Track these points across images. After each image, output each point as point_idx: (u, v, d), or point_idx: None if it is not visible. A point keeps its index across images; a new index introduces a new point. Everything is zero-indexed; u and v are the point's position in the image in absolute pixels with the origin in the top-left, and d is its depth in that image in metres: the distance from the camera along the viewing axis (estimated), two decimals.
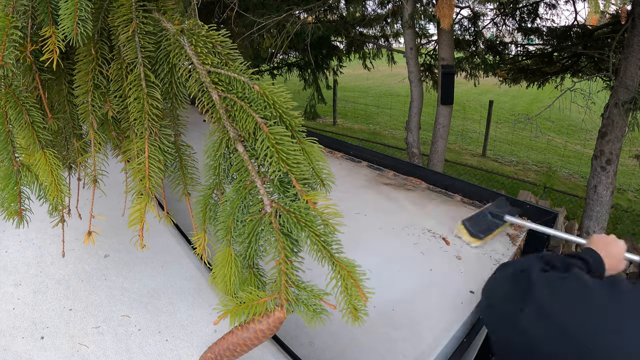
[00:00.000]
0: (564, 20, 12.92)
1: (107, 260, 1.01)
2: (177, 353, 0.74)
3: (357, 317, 0.55)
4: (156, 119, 0.63)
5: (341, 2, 5.64)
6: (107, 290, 0.91)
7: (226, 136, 0.59)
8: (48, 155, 0.65)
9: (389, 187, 1.62)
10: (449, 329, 0.93)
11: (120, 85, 0.68)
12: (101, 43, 0.68)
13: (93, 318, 0.83)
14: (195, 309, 0.85)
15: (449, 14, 3.29)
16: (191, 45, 0.59)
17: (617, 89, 3.28)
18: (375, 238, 1.27)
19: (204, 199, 0.66)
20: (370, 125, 9.96)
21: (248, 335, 0.59)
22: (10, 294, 0.89)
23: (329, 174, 0.62)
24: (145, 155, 0.61)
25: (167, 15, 0.65)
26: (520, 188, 5.60)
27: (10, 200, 0.66)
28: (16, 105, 0.63)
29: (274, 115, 0.57)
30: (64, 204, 0.71)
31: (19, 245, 1.06)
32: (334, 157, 1.98)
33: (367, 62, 6.84)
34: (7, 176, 0.66)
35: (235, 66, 0.60)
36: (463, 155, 7.80)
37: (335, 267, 0.54)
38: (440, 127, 4.21)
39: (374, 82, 14.86)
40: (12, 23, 0.60)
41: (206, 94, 0.59)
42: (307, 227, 0.53)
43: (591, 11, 2.76)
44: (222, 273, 0.61)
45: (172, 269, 0.99)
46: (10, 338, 0.77)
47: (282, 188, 0.56)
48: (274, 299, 0.56)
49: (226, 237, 0.60)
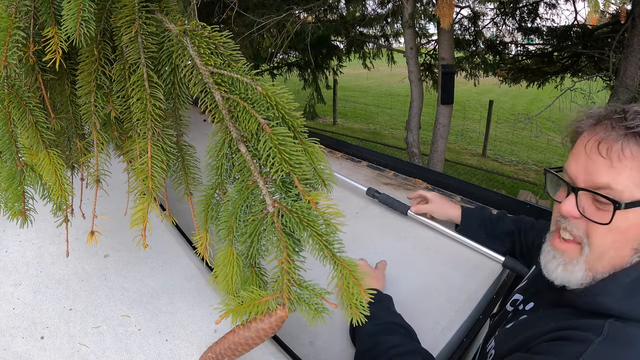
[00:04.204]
0: (564, 20, 12.92)
1: (107, 260, 1.02)
2: (177, 353, 0.74)
3: (359, 316, 0.55)
4: (159, 119, 0.63)
5: (341, 2, 5.64)
6: (107, 290, 0.91)
7: (229, 137, 0.59)
8: (52, 155, 0.66)
9: (389, 187, 1.63)
10: (449, 328, 0.93)
11: (122, 85, 0.68)
12: (104, 44, 0.69)
13: (93, 318, 0.83)
14: (196, 309, 0.85)
15: (449, 14, 3.30)
16: (194, 46, 0.59)
17: (617, 88, 3.28)
18: (375, 238, 1.28)
19: (206, 198, 0.66)
20: (370, 125, 9.97)
21: (250, 334, 0.59)
22: (10, 294, 0.89)
23: (330, 174, 0.63)
24: (148, 156, 0.61)
25: (170, 16, 0.65)
26: (520, 188, 5.61)
27: (14, 200, 0.66)
28: (19, 106, 0.63)
29: (277, 116, 0.57)
30: (68, 203, 0.71)
31: (19, 245, 1.06)
32: (334, 156, 1.99)
33: (367, 62, 6.84)
34: (11, 176, 0.66)
35: (238, 67, 0.60)
36: (463, 155, 7.81)
37: (337, 267, 0.55)
38: (440, 126, 4.21)
39: (374, 82, 14.87)
40: (14, 24, 0.60)
41: (209, 94, 0.59)
42: (309, 226, 0.53)
43: (591, 11, 2.77)
44: (224, 272, 0.61)
45: (172, 269, 0.99)
46: (10, 338, 0.78)
47: (284, 188, 0.57)
48: (276, 298, 0.57)
49: (228, 236, 0.60)
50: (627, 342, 0.56)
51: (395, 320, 0.85)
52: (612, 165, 0.60)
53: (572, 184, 0.65)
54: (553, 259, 0.69)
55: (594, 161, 0.62)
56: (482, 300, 1.02)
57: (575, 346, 0.57)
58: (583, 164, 0.64)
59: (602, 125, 0.64)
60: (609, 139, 0.61)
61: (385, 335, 0.80)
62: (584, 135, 0.67)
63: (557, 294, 0.72)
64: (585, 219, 0.63)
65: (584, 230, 0.64)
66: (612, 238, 0.62)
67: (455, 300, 1.01)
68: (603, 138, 0.62)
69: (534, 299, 0.78)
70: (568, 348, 0.57)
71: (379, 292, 0.94)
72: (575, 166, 0.65)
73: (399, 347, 0.77)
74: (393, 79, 10.81)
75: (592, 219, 0.62)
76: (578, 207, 0.63)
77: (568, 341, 0.59)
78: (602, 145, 0.61)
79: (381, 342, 0.78)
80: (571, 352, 0.56)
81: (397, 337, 0.79)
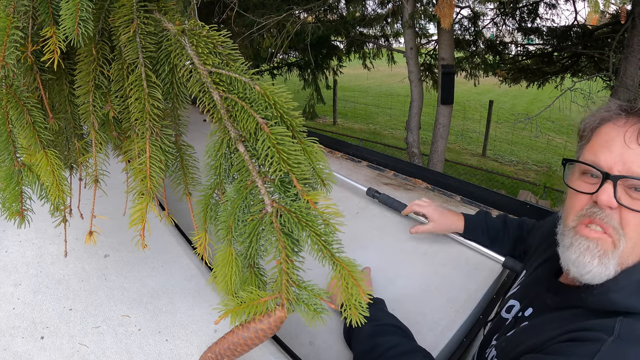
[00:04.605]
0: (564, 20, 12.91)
1: (107, 260, 1.02)
2: (177, 353, 0.74)
3: (358, 316, 0.55)
4: (157, 119, 0.63)
5: (341, 2, 5.65)
6: (107, 290, 0.91)
7: (227, 136, 0.59)
8: (50, 155, 0.66)
9: (389, 187, 1.63)
10: (449, 328, 0.93)
11: (121, 85, 0.68)
12: (102, 43, 0.68)
13: (93, 318, 0.83)
14: (195, 309, 0.85)
15: (449, 14, 3.30)
16: (192, 46, 0.59)
17: (617, 88, 3.28)
18: (375, 238, 1.28)
19: (205, 198, 0.66)
20: (370, 125, 9.97)
21: (249, 335, 0.59)
22: (10, 294, 0.89)
23: (330, 174, 0.63)
24: (147, 155, 0.61)
25: (168, 16, 0.65)
26: (520, 188, 5.61)
27: (12, 200, 0.66)
28: (17, 106, 0.63)
29: (275, 115, 0.57)
30: (66, 204, 0.71)
31: (19, 245, 1.06)
32: (334, 156, 1.98)
33: (367, 62, 6.85)
34: (9, 176, 0.66)
35: (236, 66, 0.60)
36: (463, 155, 7.80)
37: (336, 267, 0.54)
38: (440, 126, 4.21)
39: (374, 82, 14.87)
40: (13, 23, 0.60)
41: (207, 94, 0.59)
42: (308, 226, 0.53)
43: (591, 11, 2.77)
44: (223, 272, 0.61)
45: (172, 269, 0.99)
46: (10, 338, 0.77)
47: (283, 188, 0.56)
48: (275, 299, 0.56)
49: (227, 236, 0.60)
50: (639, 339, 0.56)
51: (392, 321, 0.85)
52: None
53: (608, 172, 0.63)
54: (587, 251, 0.64)
55: (633, 150, 0.61)
56: (482, 301, 1.02)
57: (589, 346, 0.56)
58: (619, 153, 0.62)
59: (636, 117, 0.64)
60: None
61: (384, 336, 0.79)
62: (610, 125, 0.66)
63: (559, 297, 0.71)
64: (621, 208, 0.62)
65: (618, 221, 0.63)
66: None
67: (455, 300, 1.01)
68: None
69: (532, 305, 0.77)
70: (581, 349, 0.57)
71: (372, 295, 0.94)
72: (610, 155, 0.63)
73: (398, 347, 0.77)
74: (393, 79, 10.81)
75: (633, 208, 0.61)
76: (616, 196, 0.62)
77: (581, 342, 0.58)
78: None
79: (380, 343, 0.78)
80: (584, 352, 0.56)
81: (396, 338, 0.79)
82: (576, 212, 0.68)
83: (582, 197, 0.67)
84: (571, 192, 0.71)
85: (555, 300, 0.71)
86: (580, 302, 0.66)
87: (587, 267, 0.63)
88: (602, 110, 0.69)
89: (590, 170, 0.66)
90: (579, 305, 0.66)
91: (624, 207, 0.61)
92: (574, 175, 0.72)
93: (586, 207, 0.66)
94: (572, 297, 0.68)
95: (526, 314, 0.76)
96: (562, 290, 0.71)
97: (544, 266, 0.81)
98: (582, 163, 0.68)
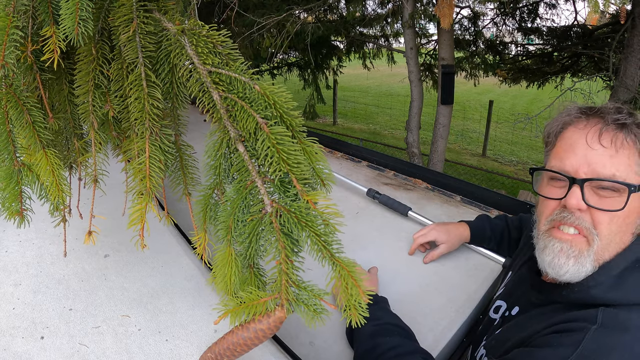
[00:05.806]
0: (564, 20, 12.91)
1: (107, 260, 1.01)
2: (177, 353, 0.74)
3: (358, 317, 0.55)
4: (157, 118, 0.63)
5: (341, 2, 5.64)
6: (107, 290, 0.91)
7: (227, 136, 0.59)
8: (49, 155, 0.65)
9: (389, 187, 1.63)
10: (449, 328, 0.93)
11: (120, 85, 0.68)
12: (102, 43, 0.68)
13: (93, 318, 0.83)
14: (195, 309, 0.85)
15: (449, 14, 3.29)
16: (192, 46, 0.59)
17: (617, 88, 3.28)
18: (375, 239, 1.27)
19: (205, 198, 0.66)
20: (370, 125, 9.97)
21: (248, 335, 0.59)
22: (10, 294, 0.89)
23: (329, 174, 0.62)
24: (146, 155, 0.61)
25: (168, 15, 0.65)
26: (520, 188, 5.61)
27: (12, 200, 0.66)
28: (17, 105, 0.63)
29: (275, 115, 0.57)
30: (65, 203, 0.71)
31: (19, 245, 1.06)
32: (334, 156, 1.98)
33: (367, 62, 6.84)
34: (9, 176, 0.66)
35: (236, 66, 0.60)
36: (463, 155, 7.80)
37: (336, 267, 0.54)
38: (440, 126, 4.21)
39: (374, 82, 14.87)
40: (12, 23, 0.60)
41: (207, 94, 0.59)
42: (308, 227, 0.53)
43: (591, 11, 2.76)
44: (223, 273, 0.61)
45: (172, 269, 0.99)
46: (10, 338, 0.77)
47: (282, 188, 0.56)
48: (275, 299, 0.56)
49: (226, 236, 0.60)
50: (622, 327, 0.57)
51: (393, 321, 0.85)
52: (615, 154, 0.61)
53: (574, 177, 0.65)
54: (560, 252, 0.66)
55: (596, 151, 0.63)
56: (482, 300, 1.02)
57: (574, 336, 0.58)
58: (583, 155, 0.64)
59: (596, 119, 0.65)
60: (609, 129, 0.63)
61: (385, 337, 0.79)
62: (572, 129, 0.68)
63: (543, 294, 0.72)
64: (590, 210, 0.64)
65: (590, 222, 0.64)
66: (617, 225, 0.63)
67: (455, 300, 1.01)
68: (603, 129, 0.63)
69: (518, 304, 0.78)
70: (566, 338, 0.58)
71: (375, 294, 0.94)
72: (575, 158, 0.65)
73: (398, 347, 0.77)
74: (393, 79, 10.81)
75: (602, 208, 0.63)
76: (584, 199, 0.63)
77: (566, 332, 0.60)
78: (604, 135, 0.63)
79: (381, 343, 0.78)
80: (570, 341, 0.57)
81: (397, 338, 0.79)
82: (547, 216, 0.70)
83: (552, 202, 0.70)
84: (541, 198, 0.72)
85: (539, 298, 0.73)
86: (562, 298, 0.67)
87: (564, 268, 0.65)
88: (564, 115, 0.71)
89: (557, 177, 0.68)
90: (562, 301, 0.67)
91: (593, 208, 0.63)
92: (543, 182, 0.73)
93: (556, 211, 0.69)
94: (555, 294, 0.69)
95: (513, 312, 0.78)
96: (545, 289, 0.73)
97: (528, 264, 0.82)
98: (548, 171, 0.70)
